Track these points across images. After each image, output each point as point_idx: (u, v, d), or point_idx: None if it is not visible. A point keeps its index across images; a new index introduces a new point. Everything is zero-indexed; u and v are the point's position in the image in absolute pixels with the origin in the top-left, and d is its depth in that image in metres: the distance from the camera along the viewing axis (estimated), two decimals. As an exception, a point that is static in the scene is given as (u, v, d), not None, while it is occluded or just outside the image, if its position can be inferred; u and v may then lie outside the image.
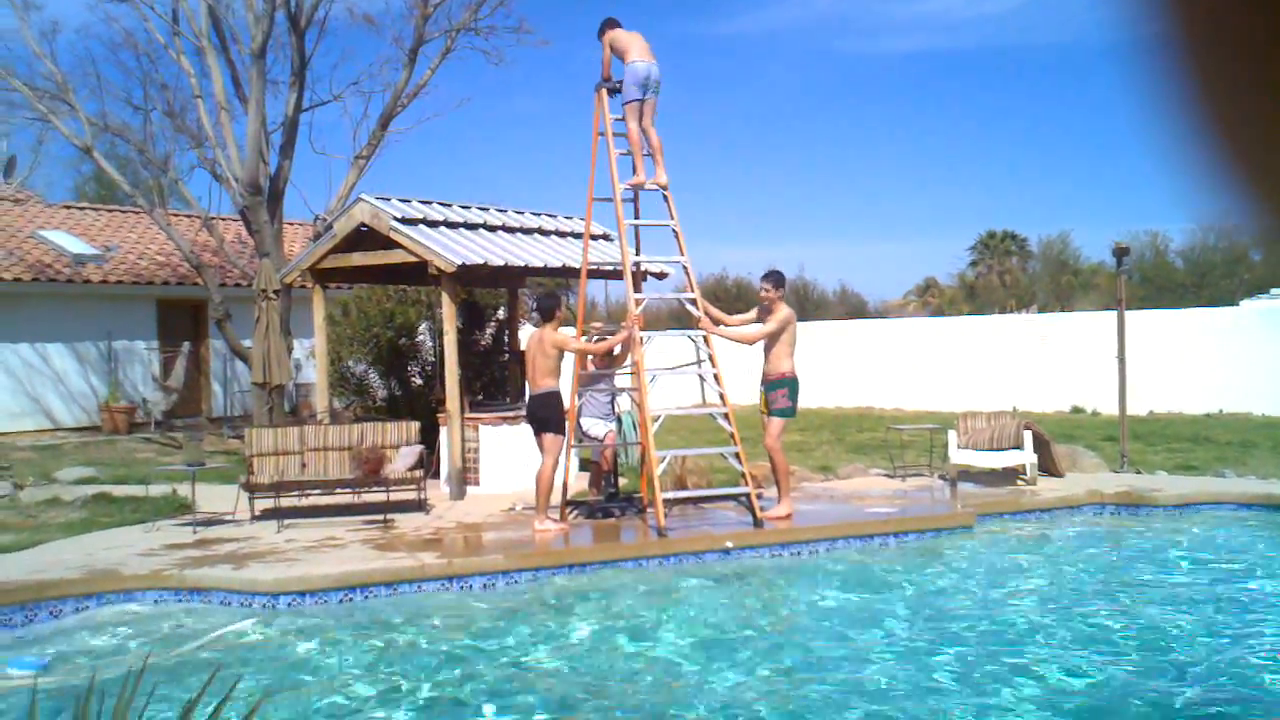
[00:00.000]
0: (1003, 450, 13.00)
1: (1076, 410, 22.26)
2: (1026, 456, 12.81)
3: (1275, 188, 0.56)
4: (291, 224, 24.72)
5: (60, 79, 19.08)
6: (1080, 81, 74.03)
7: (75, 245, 22.33)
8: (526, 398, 11.40)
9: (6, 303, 20.58)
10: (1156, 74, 0.55)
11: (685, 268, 11.81)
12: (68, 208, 26.11)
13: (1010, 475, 13.06)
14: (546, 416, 10.83)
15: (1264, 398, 20.58)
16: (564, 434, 10.97)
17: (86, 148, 19.32)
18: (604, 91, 11.73)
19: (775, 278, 11.24)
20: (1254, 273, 39.86)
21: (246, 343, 17.61)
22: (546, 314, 11.19)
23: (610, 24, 11.67)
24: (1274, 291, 28.34)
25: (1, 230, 22.30)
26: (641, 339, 11.18)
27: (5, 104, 19.90)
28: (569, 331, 12.14)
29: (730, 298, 35.41)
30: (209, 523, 11.21)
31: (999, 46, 77.94)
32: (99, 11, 20.03)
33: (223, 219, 23.04)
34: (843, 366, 24.71)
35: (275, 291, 16.10)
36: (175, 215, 24.03)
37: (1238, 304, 27.05)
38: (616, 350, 11.65)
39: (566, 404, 11.21)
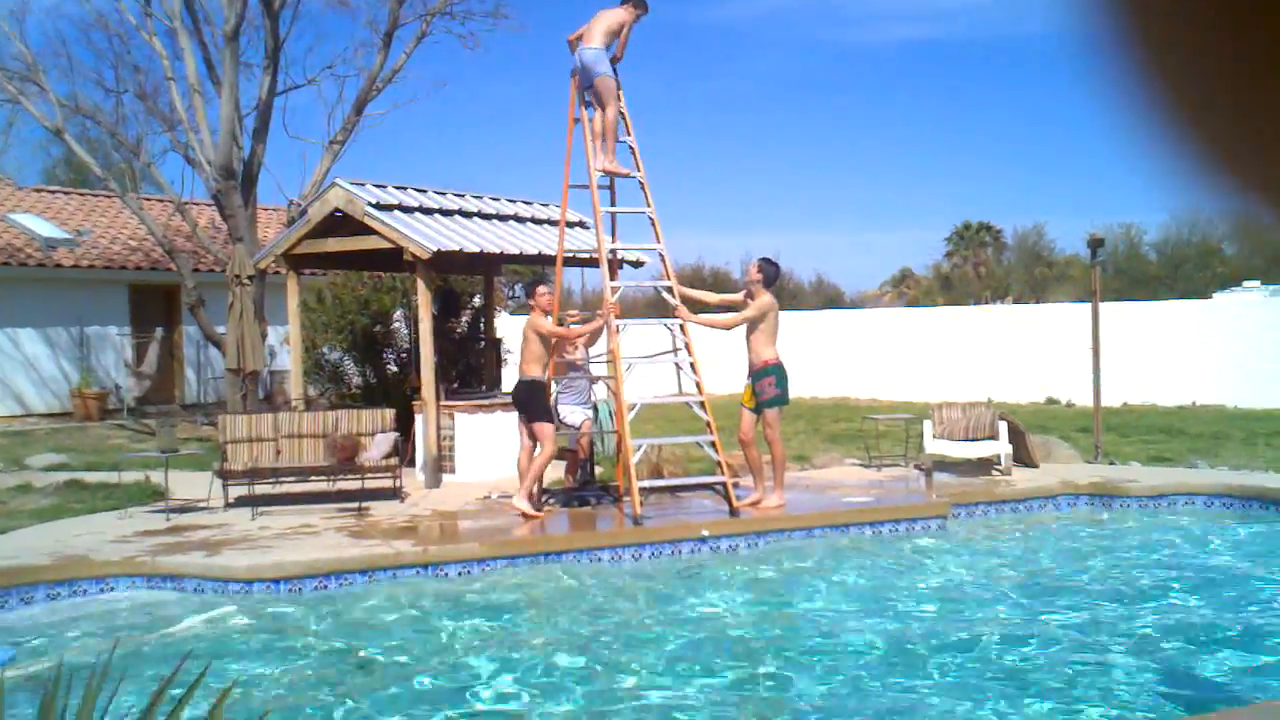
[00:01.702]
0: (978, 441, 13.04)
1: (1051, 401, 22.38)
2: (1001, 447, 12.85)
3: (1247, 167, 0.55)
4: (265, 209, 24.58)
5: (30, 59, 18.87)
6: (1057, 73, 74.23)
7: (46, 229, 22.13)
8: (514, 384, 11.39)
9: (-24, 287, 20.38)
10: (1115, 63, 0.54)
11: (662, 255, 11.79)
12: (38, 191, 25.85)
13: (985, 465, 13.10)
14: (532, 406, 10.84)
15: (1237, 390, 20.74)
16: (554, 421, 11.02)
17: (57, 130, 19.12)
18: (578, 77, 11.72)
19: (764, 264, 11.18)
20: (1227, 266, 40.18)
21: (220, 329, 17.48)
22: (528, 293, 11.28)
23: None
24: (1246, 284, 28.59)
25: (-29, 214, 22.08)
26: (617, 327, 11.15)
27: (-26, 85, 19.64)
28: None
29: (705, 287, 35.38)
30: (182, 510, 11.12)
31: (977, 38, 78.19)
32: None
33: (196, 204, 22.86)
34: (819, 357, 24.76)
35: (249, 277, 15.95)
36: (148, 200, 23.80)
37: (1210, 297, 27.26)
38: (583, 339, 11.71)
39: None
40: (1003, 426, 12.96)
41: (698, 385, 11.20)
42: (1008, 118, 76.16)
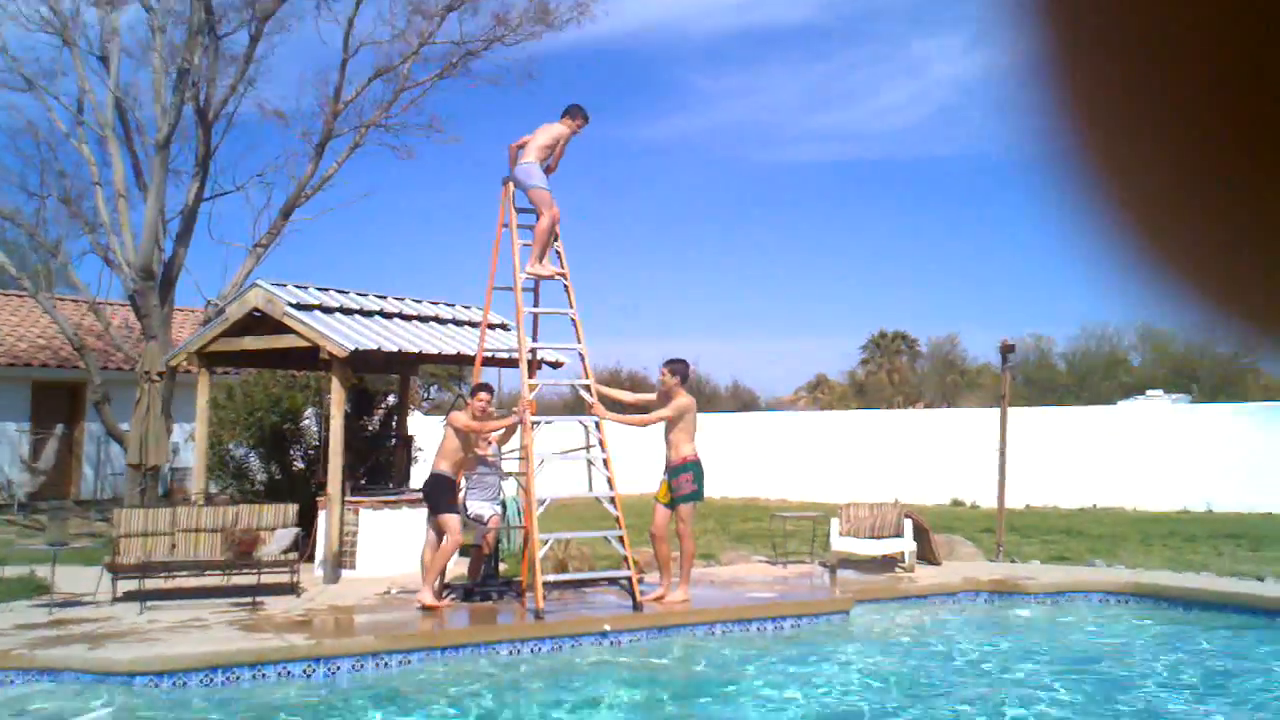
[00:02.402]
0: (883, 539, 13.15)
1: (956, 503, 22.67)
2: (906, 544, 12.97)
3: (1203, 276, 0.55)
4: (181, 310, 24.32)
5: (-49, 164, 18.64)
6: (975, 191, 76.49)
7: (-49, 325, 21.69)
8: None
9: (-126, 381, 19.84)
10: (1070, 183, 0.54)
11: (581, 355, 11.87)
12: (-56, 289, 25.38)
13: (890, 563, 13.21)
14: (437, 498, 10.81)
15: (1136, 493, 21.22)
16: (459, 513, 10.95)
17: (-27, 230, 18.85)
18: (510, 184, 11.89)
19: (675, 365, 11.30)
20: (1132, 376, 41.20)
21: (125, 426, 17.16)
22: (472, 392, 11.31)
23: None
24: (1150, 393, 29.34)
25: (-125, 308, 21.62)
26: (532, 424, 11.16)
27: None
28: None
29: (623, 388, 35.51)
30: (66, 604, 10.77)
31: (900, 157, 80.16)
32: (1, 99, 19.62)
33: (111, 303, 22.58)
34: (730, 458, 24.82)
35: (159, 374, 15.78)
36: (61, 300, 23.41)
37: (1115, 404, 27.91)
38: (498, 434, 11.71)
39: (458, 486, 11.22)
40: (908, 525, 13.10)
41: (609, 481, 11.20)
42: (926, 231, 78.10)
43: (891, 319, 60.86)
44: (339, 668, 8.94)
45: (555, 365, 14.40)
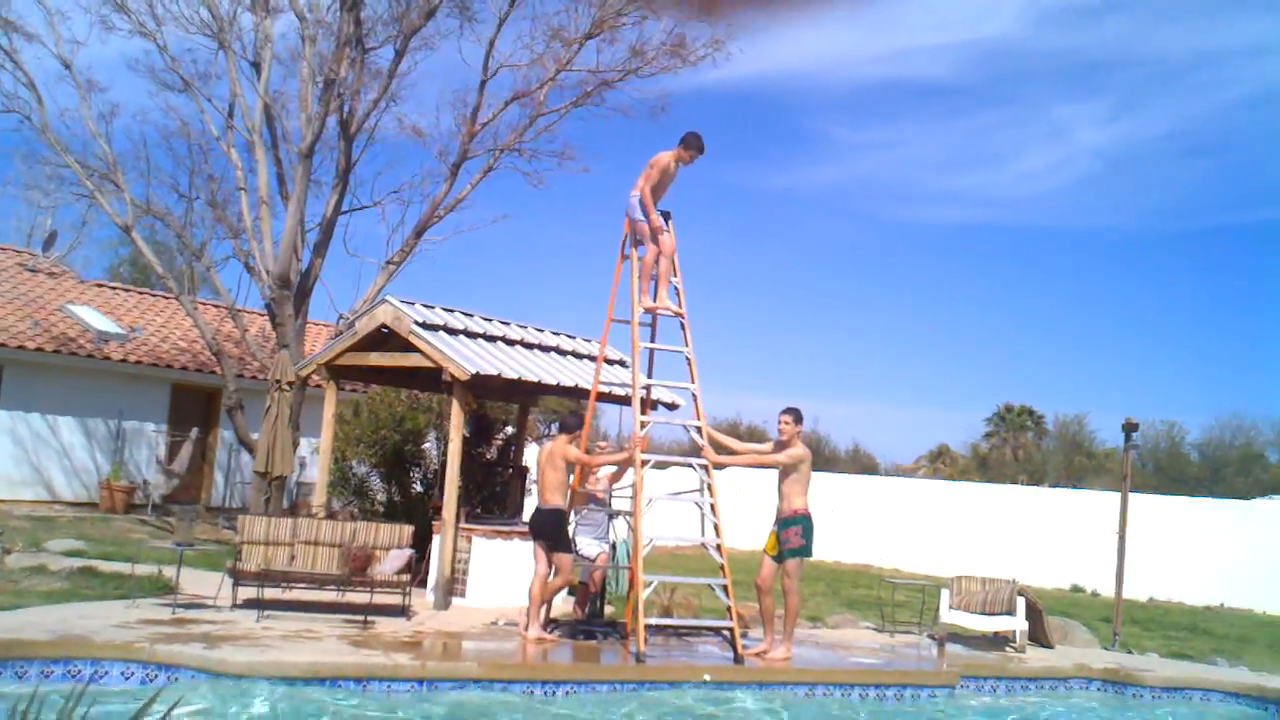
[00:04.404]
0: (995, 615, 12.86)
1: (1076, 589, 22.02)
2: (1018, 623, 12.65)
3: None
4: (315, 324, 25.05)
5: (111, 159, 19.56)
6: (1112, 268, 74.69)
7: (101, 322, 22.65)
8: (532, 511, 11.39)
9: (26, 372, 20.81)
10: None
11: (695, 395, 11.89)
12: (99, 286, 26.55)
13: (1000, 641, 12.89)
14: (556, 536, 10.91)
15: (1268, 595, 20.34)
16: (573, 552, 11.06)
17: (126, 227, 19.70)
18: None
19: (795, 412, 11.23)
20: (1270, 473, 39.65)
21: (256, 435, 17.68)
22: (566, 428, 11.32)
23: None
24: (1288, 491, 28.21)
25: (32, 301, 22.70)
26: (643, 462, 11.21)
27: (55, 179, 20.38)
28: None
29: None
30: (189, 605, 11.13)
31: (1035, 226, 78.73)
32: (159, 100, 20.60)
33: (248, 311, 23.36)
34: (846, 522, 24.57)
35: (289, 384, 16.26)
36: (203, 304, 24.42)
37: (1250, 501, 26.87)
38: (609, 470, 11.81)
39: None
40: (1021, 602, 12.79)
41: (716, 529, 11.18)
42: (1058, 306, 76.46)
43: (1018, 393, 59.66)
44: (440, 689, 9.03)
45: (671, 407, 14.41)
